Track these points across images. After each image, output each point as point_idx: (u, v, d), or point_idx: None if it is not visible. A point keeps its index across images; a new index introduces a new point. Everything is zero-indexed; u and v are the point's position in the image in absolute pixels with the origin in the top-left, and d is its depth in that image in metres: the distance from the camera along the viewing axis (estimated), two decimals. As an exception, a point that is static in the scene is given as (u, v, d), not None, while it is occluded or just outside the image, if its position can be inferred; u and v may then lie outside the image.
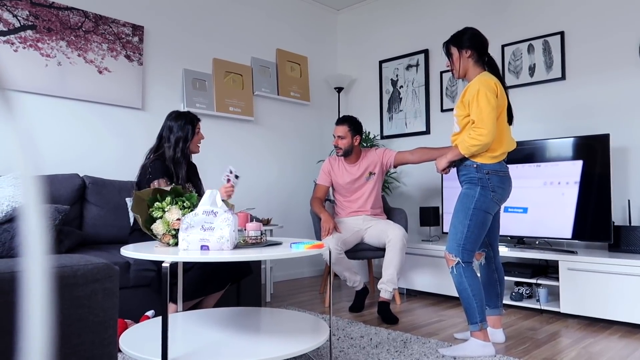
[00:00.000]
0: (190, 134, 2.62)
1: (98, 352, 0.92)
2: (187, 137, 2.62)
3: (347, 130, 3.19)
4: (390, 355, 2.19)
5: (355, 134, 3.22)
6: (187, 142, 2.62)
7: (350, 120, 3.22)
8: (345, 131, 3.19)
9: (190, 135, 2.62)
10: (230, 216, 1.79)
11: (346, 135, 3.19)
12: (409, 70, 4.44)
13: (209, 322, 2.12)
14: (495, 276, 2.45)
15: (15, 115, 0.51)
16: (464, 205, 2.24)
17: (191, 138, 2.63)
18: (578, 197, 3.05)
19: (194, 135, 2.64)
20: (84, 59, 3.19)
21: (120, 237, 2.94)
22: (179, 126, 2.62)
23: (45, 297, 0.50)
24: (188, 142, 2.62)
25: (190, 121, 2.63)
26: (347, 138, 3.19)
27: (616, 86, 3.26)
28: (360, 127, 3.27)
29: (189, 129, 2.61)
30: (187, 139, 2.62)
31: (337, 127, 3.22)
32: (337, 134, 3.21)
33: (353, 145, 3.23)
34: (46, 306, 0.50)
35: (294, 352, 1.75)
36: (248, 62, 4.21)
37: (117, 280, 0.94)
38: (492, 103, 2.16)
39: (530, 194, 3.25)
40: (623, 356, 2.24)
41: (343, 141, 3.20)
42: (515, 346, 2.38)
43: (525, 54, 3.67)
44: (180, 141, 2.61)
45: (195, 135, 2.65)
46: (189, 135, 2.62)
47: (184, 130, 2.61)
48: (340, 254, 3.03)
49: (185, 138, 2.61)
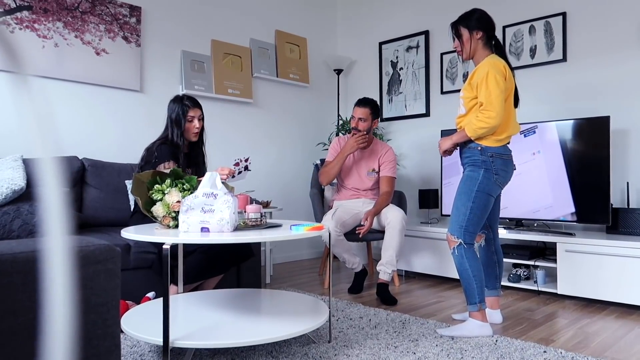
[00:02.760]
0: (181, 120, 2.59)
1: (101, 332, 0.93)
2: (180, 123, 2.59)
3: (369, 113, 3.17)
4: (389, 335, 2.22)
5: (375, 117, 3.22)
6: (181, 127, 2.60)
7: (372, 104, 3.20)
8: (367, 114, 3.17)
9: (182, 121, 2.59)
10: (230, 198, 1.79)
11: (367, 118, 3.17)
12: (409, 52, 4.40)
13: (210, 304, 2.14)
14: (494, 258, 2.47)
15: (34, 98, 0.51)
16: (467, 187, 2.25)
17: (184, 124, 2.60)
18: (575, 179, 3.06)
19: (186, 121, 2.61)
20: (81, 40, 3.15)
21: (120, 219, 2.95)
22: (172, 110, 2.62)
23: (67, 277, 0.51)
24: (181, 127, 2.60)
25: (181, 107, 2.59)
26: (367, 121, 3.17)
27: (617, 68, 3.24)
28: (379, 112, 3.27)
29: (179, 114, 2.59)
30: (179, 124, 2.59)
31: (359, 108, 3.18)
32: (358, 116, 3.17)
33: (371, 129, 3.22)
34: (68, 286, 0.51)
35: (294, 333, 1.77)
36: (247, 44, 4.17)
37: (119, 262, 0.94)
38: (501, 86, 2.15)
39: (528, 174, 3.26)
40: (618, 336, 2.26)
41: (363, 124, 3.17)
42: (513, 327, 2.41)
43: (527, 35, 3.63)
44: (175, 126, 2.59)
45: (187, 122, 2.61)
46: (181, 121, 2.59)
47: (175, 114, 2.60)
48: (340, 236, 3.05)
49: (178, 123, 2.59)
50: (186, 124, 2.61)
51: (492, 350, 2.02)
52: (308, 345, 2.06)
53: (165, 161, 2.49)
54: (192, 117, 2.62)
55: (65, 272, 0.50)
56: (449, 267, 3.43)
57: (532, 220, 3.26)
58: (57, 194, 0.51)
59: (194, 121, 2.62)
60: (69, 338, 0.51)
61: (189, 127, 2.62)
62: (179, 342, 1.65)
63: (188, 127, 2.62)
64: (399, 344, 2.09)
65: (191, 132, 2.63)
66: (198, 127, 2.64)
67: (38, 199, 2.04)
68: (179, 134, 2.59)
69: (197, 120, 2.63)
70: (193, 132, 2.64)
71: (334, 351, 2.00)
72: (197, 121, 2.63)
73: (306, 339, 2.13)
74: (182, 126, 2.59)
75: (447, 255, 3.44)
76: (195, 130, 2.63)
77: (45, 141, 0.51)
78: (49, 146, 0.51)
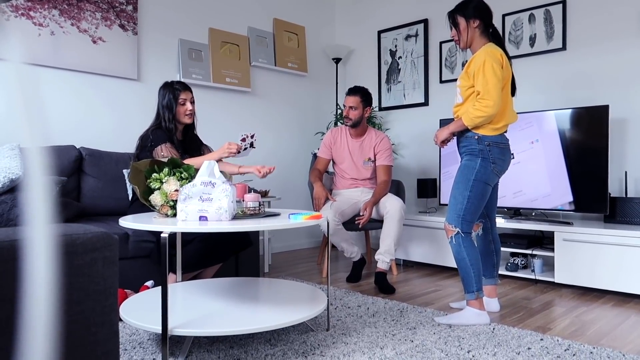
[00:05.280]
0: (172, 103, 2.58)
1: (99, 320, 0.93)
2: (171, 106, 2.58)
3: (359, 101, 3.17)
4: (386, 323, 2.23)
5: (366, 105, 3.21)
6: (172, 111, 2.59)
7: (363, 91, 3.20)
8: (358, 102, 3.17)
9: (173, 105, 2.58)
10: (228, 187, 1.79)
11: (358, 106, 3.17)
12: (408, 41, 4.38)
13: (208, 292, 2.15)
14: (491, 247, 2.48)
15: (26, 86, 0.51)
16: (464, 176, 2.25)
17: (175, 107, 2.59)
18: (574, 168, 3.06)
19: (177, 104, 2.60)
20: (78, 29, 3.13)
21: (118, 208, 2.94)
22: (163, 95, 2.61)
23: (49, 266, 0.50)
24: (173, 111, 2.59)
25: (172, 91, 2.59)
26: (358, 109, 3.18)
27: (617, 57, 3.22)
28: (371, 99, 3.25)
29: (170, 98, 2.58)
30: (171, 108, 2.58)
31: (349, 97, 3.19)
32: (349, 105, 3.19)
33: (363, 117, 3.22)
34: (51, 275, 0.51)
35: (292, 321, 1.77)
36: (245, 32, 4.14)
37: (117, 249, 0.94)
38: (498, 74, 2.15)
39: (527, 163, 3.26)
40: (615, 324, 2.28)
41: (354, 112, 3.18)
42: (510, 315, 2.43)
43: (526, 24, 3.61)
44: (166, 111, 2.58)
45: (178, 105, 2.60)
46: (172, 105, 2.58)
47: (165, 99, 2.59)
48: (338, 225, 3.05)
49: (169, 107, 2.58)
50: (178, 107, 2.60)
51: (489, 338, 2.03)
52: (306, 333, 2.07)
53: (162, 144, 2.48)
54: (184, 99, 2.61)
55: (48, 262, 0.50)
56: (446, 256, 3.44)
57: (530, 209, 3.27)
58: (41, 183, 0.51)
59: (186, 104, 2.62)
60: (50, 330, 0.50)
61: (180, 110, 2.61)
62: (178, 330, 1.66)
63: (180, 110, 2.61)
64: (396, 332, 2.11)
65: (183, 114, 2.62)
66: (191, 109, 2.63)
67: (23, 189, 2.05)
68: (170, 117, 2.58)
69: (189, 103, 2.63)
70: (186, 114, 2.63)
71: (332, 339, 2.01)
72: (189, 104, 2.63)
73: (304, 327, 2.14)
74: (173, 110, 2.59)
75: (445, 244, 3.45)
76: (188, 112, 2.62)
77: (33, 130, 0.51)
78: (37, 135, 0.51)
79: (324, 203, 3.12)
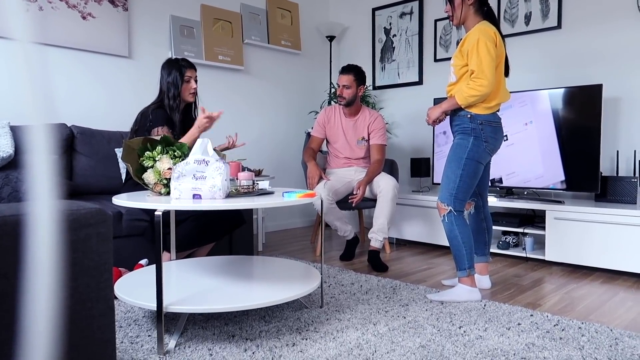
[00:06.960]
0: (179, 80, 2.57)
1: (94, 295, 0.94)
2: (177, 83, 2.57)
3: (353, 80, 3.16)
4: (380, 300, 2.26)
5: (360, 84, 3.19)
6: (178, 88, 2.57)
7: (356, 70, 3.18)
8: (351, 80, 3.15)
9: (179, 82, 2.57)
10: (222, 165, 1.78)
11: (351, 84, 3.16)
12: (403, 19, 4.33)
13: (202, 270, 2.16)
14: (483, 225, 2.50)
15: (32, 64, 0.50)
16: (456, 155, 2.25)
17: (181, 84, 2.58)
18: (566, 148, 3.07)
19: (183, 82, 2.58)
20: (67, 4, 3.06)
21: (110, 187, 2.93)
22: (168, 73, 2.59)
23: (53, 241, 0.50)
24: (178, 88, 2.57)
25: (178, 68, 2.58)
26: (352, 88, 3.16)
27: (611, 36, 3.21)
28: (364, 77, 3.23)
29: (176, 75, 2.57)
30: (176, 85, 2.57)
31: (343, 76, 3.18)
32: (342, 83, 3.17)
33: (357, 96, 3.20)
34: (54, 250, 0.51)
35: (286, 298, 1.79)
36: (237, 9, 4.08)
37: (111, 225, 0.94)
38: (492, 53, 2.13)
39: (520, 144, 3.27)
40: (603, 300, 2.32)
41: (348, 91, 3.16)
42: (501, 292, 2.46)
43: (522, 2, 3.58)
44: (172, 87, 2.57)
45: (184, 83, 2.59)
46: (178, 82, 2.57)
47: (171, 76, 2.57)
48: (332, 204, 3.06)
49: (175, 84, 2.57)
50: (183, 85, 2.59)
51: (480, 314, 2.07)
52: (300, 310, 2.09)
53: (159, 126, 2.47)
54: (189, 77, 2.61)
55: (52, 237, 0.50)
56: (439, 234, 3.47)
57: (522, 188, 3.29)
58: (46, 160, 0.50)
59: (191, 81, 2.62)
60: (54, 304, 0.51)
61: (186, 87, 2.61)
62: (173, 307, 1.67)
63: (185, 88, 2.60)
64: (389, 309, 2.13)
65: (188, 92, 2.62)
66: (195, 87, 2.63)
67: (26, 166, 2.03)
68: (176, 94, 2.56)
69: (193, 81, 2.63)
70: (190, 92, 2.62)
71: (325, 316, 2.03)
72: (193, 82, 2.63)
73: (298, 304, 2.17)
74: (179, 87, 2.57)
75: (437, 223, 3.48)
76: (192, 91, 2.62)
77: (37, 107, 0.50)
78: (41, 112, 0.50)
79: (317, 182, 3.13)
